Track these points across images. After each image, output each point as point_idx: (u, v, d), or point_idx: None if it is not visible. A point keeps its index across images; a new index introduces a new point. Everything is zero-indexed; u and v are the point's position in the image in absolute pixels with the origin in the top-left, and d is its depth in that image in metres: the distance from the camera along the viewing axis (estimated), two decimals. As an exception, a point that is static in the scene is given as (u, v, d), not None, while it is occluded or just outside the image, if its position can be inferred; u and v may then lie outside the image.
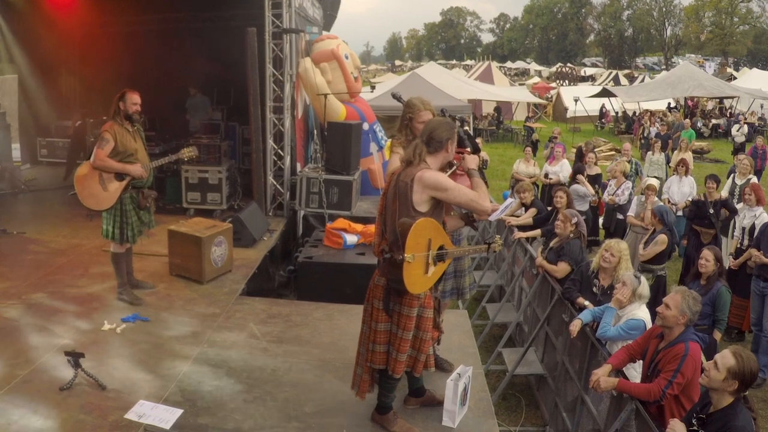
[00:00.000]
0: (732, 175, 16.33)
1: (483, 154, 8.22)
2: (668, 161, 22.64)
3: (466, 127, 10.23)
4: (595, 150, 24.68)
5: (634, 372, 7.98)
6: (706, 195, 14.33)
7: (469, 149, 7.15)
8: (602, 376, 7.29)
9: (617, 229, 15.47)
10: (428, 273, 6.26)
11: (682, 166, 16.84)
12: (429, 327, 6.59)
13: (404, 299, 6.37)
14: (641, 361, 7.55)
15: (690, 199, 15.73)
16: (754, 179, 15.51)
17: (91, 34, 16.71)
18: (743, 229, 12.49)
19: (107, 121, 9.79)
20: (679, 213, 16.01)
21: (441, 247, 6.33)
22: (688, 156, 20.37)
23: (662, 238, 11.93)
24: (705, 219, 14.11)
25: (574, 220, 10.74)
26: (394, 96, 8.29)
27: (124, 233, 9.88)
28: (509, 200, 7.64)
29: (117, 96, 9.73)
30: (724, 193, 15.55)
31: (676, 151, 23.09)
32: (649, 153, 22.65)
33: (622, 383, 7.19)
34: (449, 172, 6.60)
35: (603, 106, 52.05)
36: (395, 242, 6.14)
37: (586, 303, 9.16)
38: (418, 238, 6.06)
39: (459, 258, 7.78)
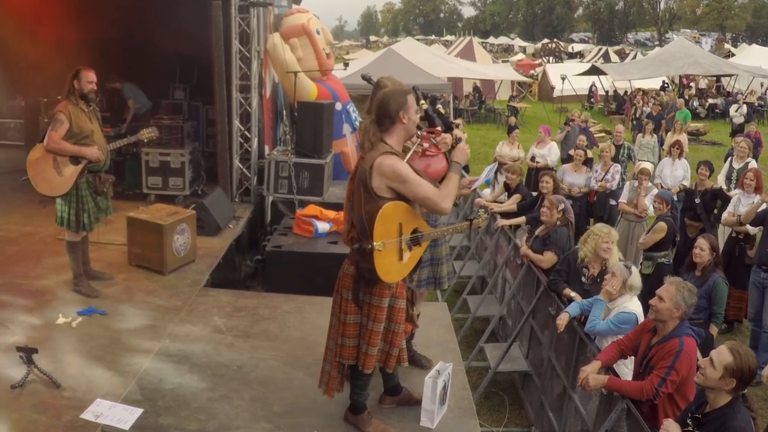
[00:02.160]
0: (729, 158, 16.26)
1: (457, 132, 8.13)
2: (662, 144, 22.69)
3: (439, 105, 10.13)
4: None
5: (626, 369, 7.98)
6: (696, 183, 14.33)
7: (439, 128, 7.16)
8: (591, 373, 7.27)
9: (610, 217, 15.45)
10: (403, 259, 6.26)
11: (677, 148, 16.78)
12: (401, 319, 6.57)
13: (374, 289, 6.35)
14: (633, 358, 7.54)
15: (683, 184, 15.78)
16: (753, 163, 15.45)
17: (42, 7, 16.58)
18: (740, 216, 12.28)
19: (61, 100, 9.75)
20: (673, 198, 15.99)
21: (415, 231, 6.33)
22: (683, 138, 20.43)
23: (661, 226, 11.97)
24: (692, 210, 14.09)
25: (561, 207, 10.72)
26: (364, 77, 8.30)
27: (80, 220, 9.83)
28: (491, 166, 7.55)
29: (71, 74, 9.66)
30: (720, 177, 15.62)
31: (669, 133, 23.13)
32: (639, 135, 22.65)
33: (612, 381, 7.18)
34: (413, 149, 6.58)
35: (592, 85, 52.14)
36: (363, 231, 6.14)
37: (573, 294, 9.18)
38: (386, 225, 6.06)
39: (436, 245, 7.79)
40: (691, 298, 6.94)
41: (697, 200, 13.89)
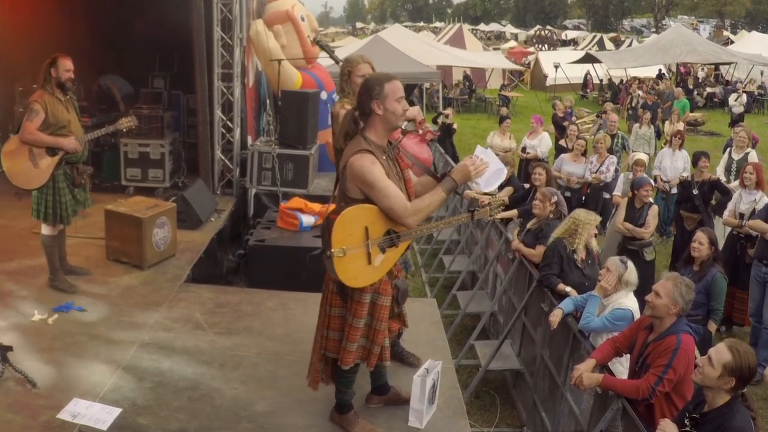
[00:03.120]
0: (729, 149, 16.19)
1: (414, 109, 8.00)
2: (659, 134, 22.73)
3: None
4: (577, 121, 24.86)
5: (621, 367, 8.00)
6: (693, 174, 14.30)
7: None
8: (585, 371, 7.27)
9: (604, 211, 15.45)
10: (374, 263, 6.21)
11: (678, 138, 16.78)
12: (384, 316, 6.50)
13: None
14: (628, 356, 7.55)
15: (683, 176, 15.67)
16: (753, 154, 15.44)
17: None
18: (741, 215, 12.21)
19: (36, 89, 9.72)
20: (673, 191, 16.07)
21: (389, 232, 6.25)
22: (680, 128, 20.46)
23: (656, 209, 12.10)
24: (689, 202, 14.08)
25: (554, 199, 10.74)
26: (318, 43, 8.26)
27: (57, 213, 9.82)
28: (484, 150, 7.10)
29: (47, 62, 9.64)
30: (719, 168, 15.58)
31: (667, 123, 23.18)
32: (636, 126, 22.66)
33: (607, 379, 7.18)
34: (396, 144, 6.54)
35: (587, 74, 52.20)
36: (323, 236, 6.18)
37: (568, 289, 9.19)
38: (347, 230, 6.04)
39: None
40: (688, 294, 6.94)
41: (695, 191, 13.89)
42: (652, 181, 13.34)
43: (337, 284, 6.44)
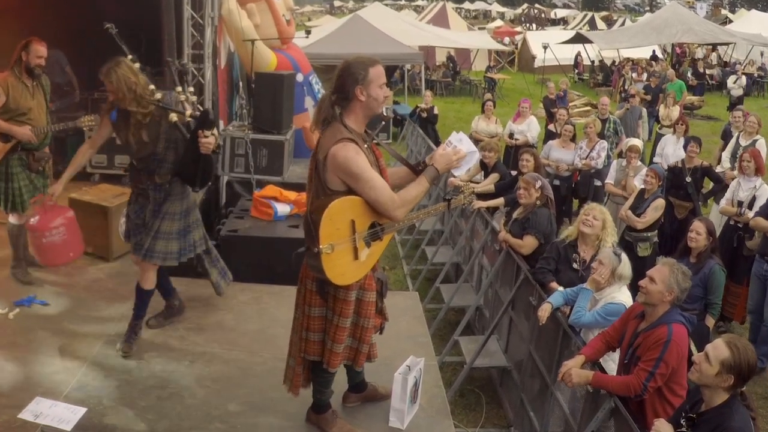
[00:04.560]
0: (738, 135, 15.77)
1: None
2: (658, 119, 22.70)
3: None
4: (568, 106, 24.88)
5: (613, 364, 7.95)
6: (684, 160, 14.34)
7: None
8: (574, 367, 7.25)
9: (595, 199, 15.36)
10: (360, 258, 6.21)
11: (681, 124, 16.69)
12: (371, 312, 6.53)
13: None
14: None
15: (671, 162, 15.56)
16: (762, 142, 15.18)
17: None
18: (740, 203, 12.19)
19: (4, 71, 9.70)
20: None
21: (373, 225, 6.28)
22: (676, 112, 20.48)
23: (660, 202, 12.05)
24: (681, 189, 14.02)
25: (538, 184, 10.64)
26: (109, 29, 8.34)
27: (9, 200, 9.82)
28: (459, 138, 7.10)
29: (21, 44, 9.64)
30: (725, 154, 15.49)
31: (662, 106, 23.14)
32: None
33: (597, 377, 7.12)
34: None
35: (578, 55, 52.21)
36: (309, 232, 6.15)
37: (560, 289, 9.07)
38: (335, 224, 6.01)
39: (188, 213, 8.38)
40: (685, 281, 6.89)
41: (688, 179, 13.87)
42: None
43: (317, 283, 6.41)
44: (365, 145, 6.23)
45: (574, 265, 9.46)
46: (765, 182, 12.31)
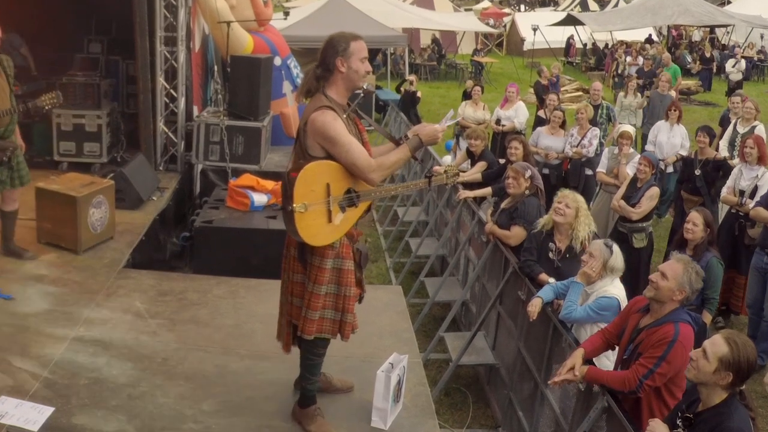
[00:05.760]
0: (735, 122, 15.70)
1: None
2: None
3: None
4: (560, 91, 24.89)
5: (608, 361, 7.92)
6: (696, 152, 14.15)
7: None
8: (576, 363, 7.15)
9: (586, 188, 15.40)
10: (334, 221, 6.49)
11: (675, 110, 16.55)
12: (351, 281, 6.74)
13: (317, 248, 6.56)
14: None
15: (680, 154, 15.64)
16: (761, 127, 15.09)
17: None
18: (741, 192, 12.16)
19: None
20: (669, 169, 16.02)
21: (349, 191, 6.55)
22: (673, 97, 20.45)
23: (655, 191, 12.00)
24: (691, 182, 13.91)
25: (528, 174, 10.57)
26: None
27: None
28: (450, 113, 7.46)
29: None
30: (722, 143, 15.36)
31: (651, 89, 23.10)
32: (621, 94, 22.43)
33: (591, 371, 7.08)
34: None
35: (570, 38, 52.20)
36: (284, 191, 6.45)
37: (551, 280, 9.02)
38: (310, 185, 6.34)
39: None
40: (698, 282, 6.80)
41: (698, 171, 13.73)
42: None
43: (298, 249, 6.70)
44: (345, 115, 6.60)
45: (550, 255, 9.43)
46: (768, 171, 12.21)
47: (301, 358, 7.02)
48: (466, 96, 21.65)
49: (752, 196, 11.91)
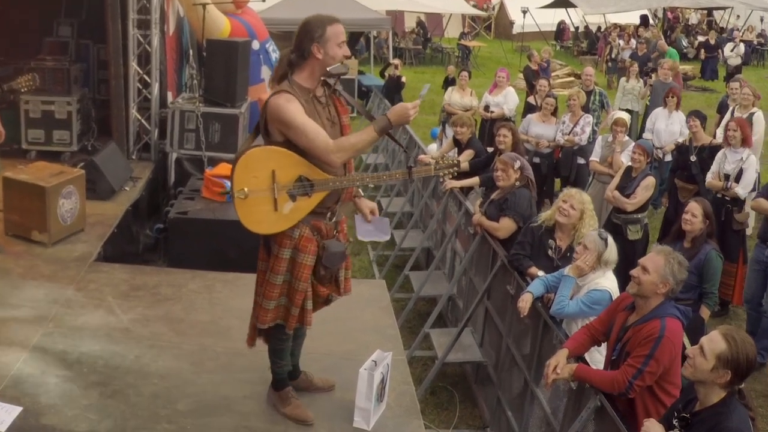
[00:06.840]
0: (733, 108, 15.69)
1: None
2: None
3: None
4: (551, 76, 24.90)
5: (599, 356, 7.90)
6: (692, 139, 14.19)
7: None
8: (561, 363, 7.11)
9: (578, 178, 15.42)
10: (282, 210, 6.51)
11: (672, 97, 16.49)
12: (304, 276, 6.69)
13: (276, 237, 6.62)
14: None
15: (678, 141, 15.61)
16: (760, 114, 15.17)
17: None
18: (727, 176, 12.21)
19: None
20: (668, 158, 16.00)
21: (300, 179, 6.51)
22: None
23: (651, 181, 11.95)
24: (686, 170, 13.94)
25: (517, 165, 10.47)
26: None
27: None
28: (426, 86, 7.45)
29: None
30: (719, 130, 15.20)
31: (653, 76, 23.13)
32: (623, 79, 22.43)
33: (581, 369, 7.02)
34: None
35: (562, 22, 52.18)
36: (230, 177, 6.55)
37: (540, 274, 8.91)
38: (252, 171, 6.43)
39: None
40: (681, 272, 6.75)
41: (693, 158, 13.77)
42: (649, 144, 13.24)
43: (263, 237, 6.81)
44: (308, 97, 6.57)
45: (549, 253, 9.36)
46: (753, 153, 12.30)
47: (269, 343, 7.12)
48: (448, 83, 21.61)
49: (737, 179, 12.02)
